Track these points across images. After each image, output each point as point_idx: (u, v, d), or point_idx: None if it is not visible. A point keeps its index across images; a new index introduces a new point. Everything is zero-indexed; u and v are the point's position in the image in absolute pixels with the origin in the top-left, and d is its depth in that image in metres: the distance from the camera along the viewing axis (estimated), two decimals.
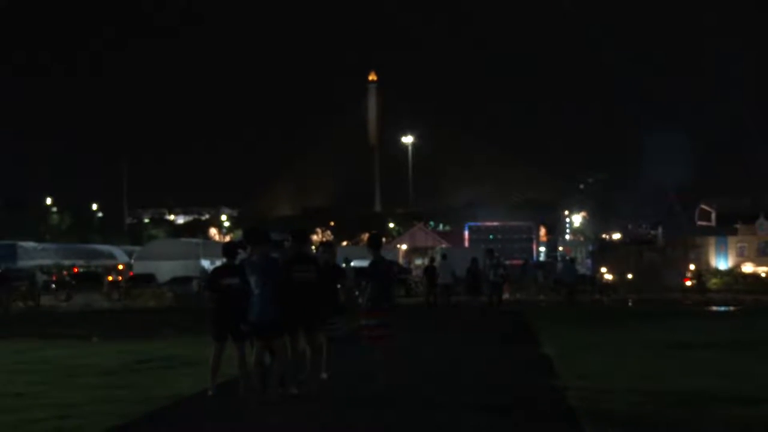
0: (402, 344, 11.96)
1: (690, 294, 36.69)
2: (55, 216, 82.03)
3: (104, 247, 59.31)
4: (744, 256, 55.40)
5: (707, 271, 49.75)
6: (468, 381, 11.01)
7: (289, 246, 10.19)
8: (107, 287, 41.80)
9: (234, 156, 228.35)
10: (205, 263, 42.33)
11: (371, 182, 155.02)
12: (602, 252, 54.47)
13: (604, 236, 70.10)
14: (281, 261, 9.68)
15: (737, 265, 53.77)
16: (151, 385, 10.61)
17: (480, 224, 54.28)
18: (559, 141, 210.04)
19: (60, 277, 48.29)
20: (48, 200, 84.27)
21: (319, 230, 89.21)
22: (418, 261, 61.04)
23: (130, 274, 45.74)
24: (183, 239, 63.00)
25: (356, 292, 13.98)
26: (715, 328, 19.25)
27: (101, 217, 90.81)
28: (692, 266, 47.85)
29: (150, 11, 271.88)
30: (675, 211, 59.45)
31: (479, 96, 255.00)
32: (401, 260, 57.16)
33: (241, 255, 9.74)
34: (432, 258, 34.16)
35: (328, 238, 74.06)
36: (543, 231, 71.28)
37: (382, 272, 10.07)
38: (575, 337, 16.45)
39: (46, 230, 74.27)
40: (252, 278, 9.14)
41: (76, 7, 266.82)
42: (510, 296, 35.11)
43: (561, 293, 34.22)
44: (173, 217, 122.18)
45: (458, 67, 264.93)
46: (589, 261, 52.76)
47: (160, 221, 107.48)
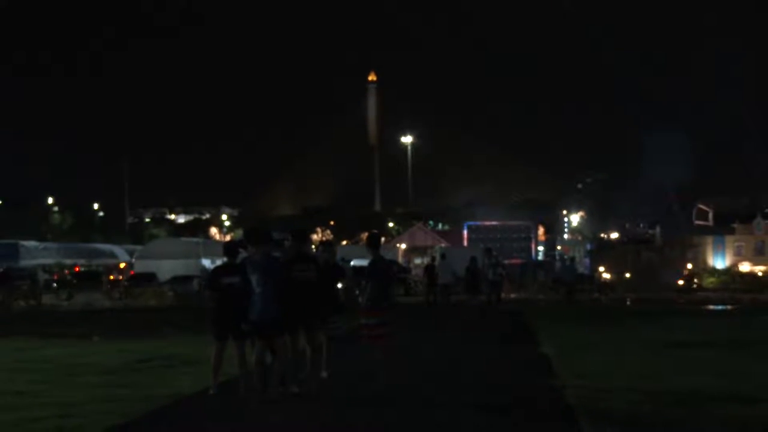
0: (402, 343, 11.99)
1: (681, 293, 36.68)
2: (57, 215, 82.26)
3: (105, 247, 59.36)
4: (741, 256, 55.47)
5: (704, 270, 49.94)
6: (467, 380, 11.02)
7: (289, 245, 10.23)
8: (107, 286, 41.91)
9: (234, 156, 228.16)
10: (206, 262, 42.35)
11: (371, 182, 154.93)
12: (600, 251, 54.63)
13: (602, 235, 70.20)
14: (282, 260, 9.68)
15: (734, 265, 53.84)
16: (152, 384, 10.65)
17: (479, 224, 54.39)
18: (559, 141, 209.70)
19: (61, 276, 48.47)
20: (50, 200, 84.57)
21: (319, 230, 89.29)
22: (418, 260, 61.07)
23: (131, 273, 45.84)
24: (184, 238, 63.07)
25: (356, 291, 14.09)
26: (713, 327, 19.26)
27: (102, 217, 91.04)
28: (690, 265, 47.93)
29: (150, 11, 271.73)
30: (673, 211, 59.49)
31: (479, 96, 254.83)
32: (401, 259, 57.22)
33: (242, 254, 9.73)
34: (432, 257, 34.08)
35: (328, 238, 74.13)
36: (541, 230, 71.39)
37: (382, 271, 10.07)
38: (574, 336, 16.49)
39: (48, 229, 74.49)
40: (253, 277, 9.14)
41: (76, 7, 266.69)
42: (510, 295, 35.24)
43: (560, 292, 34.36)
44: (174, 217, 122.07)
45: (458, 67, 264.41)
46: (587, 260, 52.86)
47: (161, 220, 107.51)
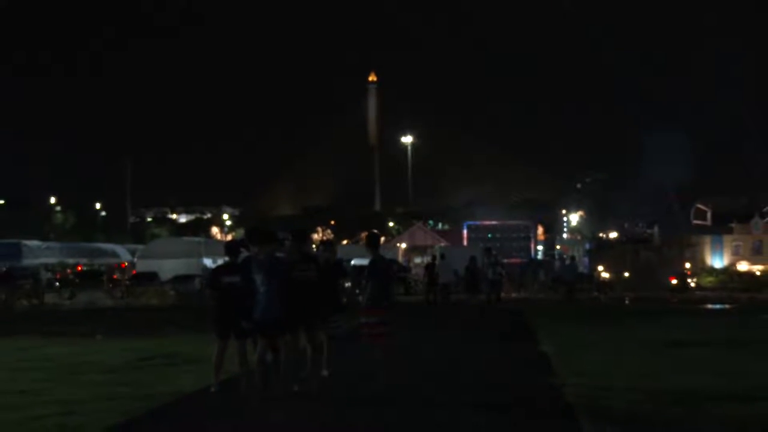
0: (402, 343, 12.00)
1: (675, 293, 36.70)
2: (59, 215, 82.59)
3: (108, 246, 59.34)
4: (739, 255, 55.74)
5: (702, 270, 50.20)
6: (467, 379, 11.10)
7: (289, 245, 10.29)
8: (108, 285, 42.14)
9: (235, 156, 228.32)
10: (207, 262, 42.46)
11: (371, 182, 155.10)
12: (599, 251, 54.85)
13: (601, 235, 70.39)
14: (288, 261, 9.74)
15: (732, 264, 54.10)
16: (154, 383, 10.70)
17: (479, 223, 54.55)
18: (559, 141, 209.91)
19: (64, 276, 48.71)
20: (52, 200, 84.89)
21: (320, 229, 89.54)
22: (418, 260, 61.40)
23: (133, 273, 46.05)
24: (185, 238, 63.32)
25: (356, 291, 14.28)
26: (711, 326, 19.33)
27: (104, 216, 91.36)
28: (688, 265, 48.15)
29: (150, 11, 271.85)
30: (672, 211, 59.66)
31: (479, 96, 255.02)
32: (401, 259, 57.51)
33: (244, 253, 9.82)
34: (433, 256, 34.18)
35: (329, 237, 74.36)
36: (541, 230, 71.62)
37: (382, 271, 10.12)
38: (573, 335, 16.54)
39: (51, 229, 74.75)
40: (258, 276, 9.19)
41: (76, 7, 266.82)
42: (512, 294, 35.41)
43: (559, 291, 34.59)
44: (175, 216, 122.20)
45: (458, 67, 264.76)
46: (586, 259, 53.08)
47: (163, 220, 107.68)
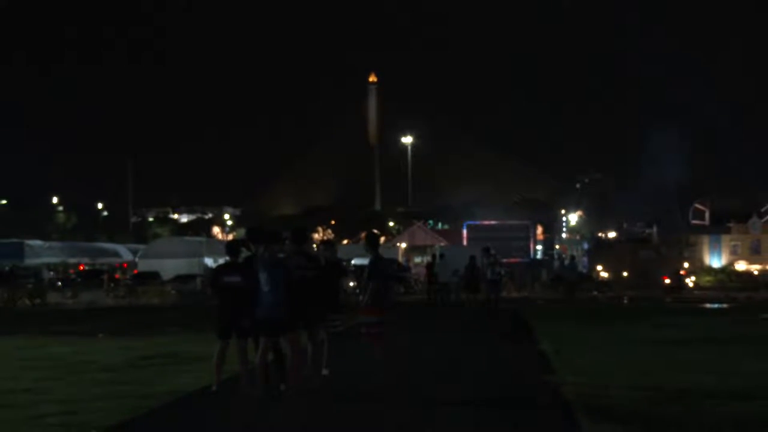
0: (402, 342, 12.28)
1: (668, 292, 36.69)
2: (61, 215, 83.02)
3: (109, 246, 59.89)
4: (737, 255, 55.92)
5: (701, 269, 50.49)
6: (467, 378, 11.20)
7: (289, 245, 10.36)
8: (107, 285, 42.58)
9: (236, 156, 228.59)
10: (209, 261, 42.88)
11: (371, 182, 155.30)
12: (598, 250, 55.04)
13: (600, 235, 70.61)
14: (293, 260, 9.83)
15: (730, 263, 54.32)
16: (155, 382, 10.78)
17: (478, 223, 54.72)
18: (559, 141, 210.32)
19: (66, 275, 49.11)
20: (54, 199, 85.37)
21: (320, 229, 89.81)
22: (418, 259, 61.77)
23: (135, 272, 46.44)
24: (187, 238, 63.88)
25: (357, 290, 14.53)
26: (710, 325, 19.37)
27: (106, 216, 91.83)
28: (686, 264, 48.41)
29: (150, 11, 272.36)
30: (671, 210, 59.82)
31: (479, 96, 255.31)
32: (401, 258, 57.83)
33: (244, 253, 9.94)
34: (433, 255, 34.32)
35: (329, 237, 74.71)
36: (540, 230, 71.88)
37: (381, 270, 10.23)
38: (573, 335, 16.54)
39: (53, 229, 75.17)
40: (262, 276, 9.28)
41: (77, 7, 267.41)
42: (512, 294, 35.68)
43: (559, 290, 34.92)
44: (177, 216, 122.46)
45: (458, 67, 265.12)
46: (585, 259, 53.36)
47: (164, 220, 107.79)
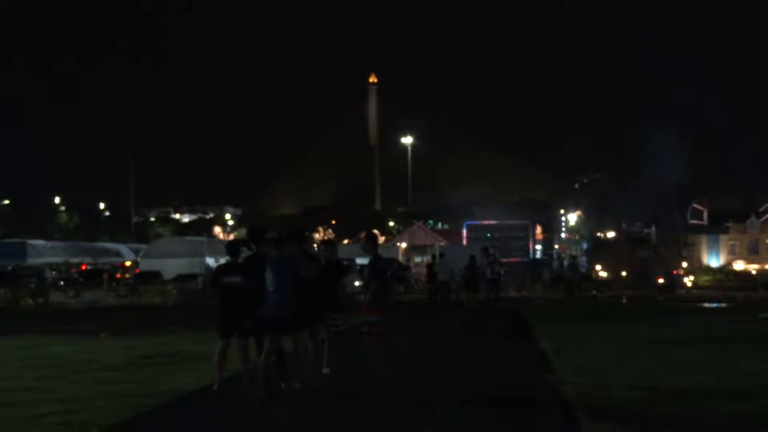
0: (402, 341, 12.43)
1: (663, 292, 36.66)
2: (64, 215, 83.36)
3: (111, 245, 60.05)
4: (735, 254, 56.05)
5: (699, 269, 50.66)
6: (467, 377, 11.31)
7: (288, 245, 10.28)
8: (107, 285, 42.83)
9: (236, 156, 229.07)
10: (210, 261, 43.06)
11: (371, 182, 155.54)
12: (597, 250, 55.17)
13: (599, 234, 70.75)
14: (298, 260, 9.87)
15: (728, 263, 54.46)
16: (157, 381, 10.88)
17: (478, 223, 54.90)
18: (559, 141, 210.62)
19: (68, 275, 49.36)
20: (56, 199, 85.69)
21: (321, 229, 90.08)
22: (418, 259, 62.10)
23: (137, 272, 46.71)
24: (188, 237, 64.05)
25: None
26: (708, 325, 19.44)
27: (108, 216, 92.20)
28: (684, 264, 48.60)
29: (150, 11, 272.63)
30: (670, 210, 59.94)
31: (479, 96, 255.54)
32: (401, 258, 58.10)
33: (245, 253, 10.07)
34: (433, 255, 34.50)
35: (330, 237, 75.00)
36: (539, 229, 72.10)
37: (381, 270, 10.35)
38: (572, 334, 16.59)
39: (55, 229, 75.50)
40: (269, 276, 9.36)
41: (76, 7, 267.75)
42: (512, 293, 35.87)
43: (558, 290, 35.13)
44: (178, 216, 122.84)
45: (458, 67, 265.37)
46: (584, 259, 53.53)
47: (166, 220, 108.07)
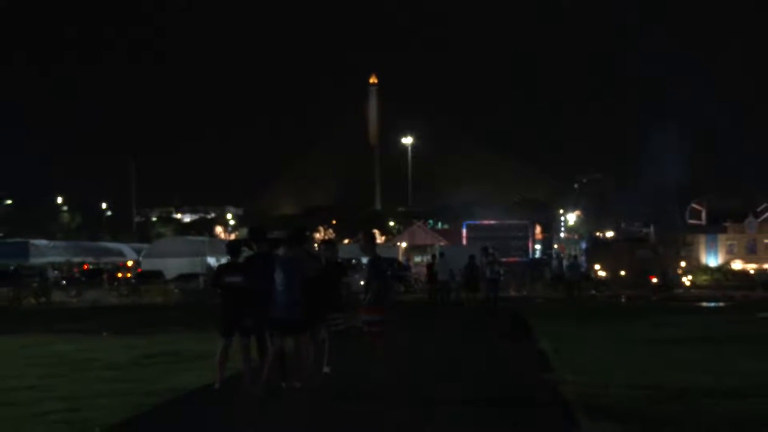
0: (402, 341, 12.59)
1: (657, 291, 36.66)
2: (66, 215, 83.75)
3: (113, 245, 60.24)
4: (733, 254, 56.31)
5: (697, 268, 50.92)
6: (467, 376, 11.38)
7: (288, 245, 10.37)
8: (107, 284, 43.05)
9: (236, 156, 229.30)
10: (211, 260, 43.21)
11: (371, 182, 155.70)
12: (596, 249, 55.35)
13: (598, 234, 70.89)
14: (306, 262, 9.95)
15: (727, 263, 54.71)
16: (158, 379, 10.95)
17: (478, 222, 55.07)
18: (559, 141, 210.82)
19: (70, 274, 49.64)
20: (58, 199, 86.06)
21: (321, 228, 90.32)
22: (418, 258, 62.26)
23: (139, 271, 46.95)
24: (189, 237, 64.31)
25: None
26: (706, 324, 19.53)
27: (110, 216, 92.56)
28: (683, 263, 48.84)
29: (150, 11, 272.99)
30: (670, 210, 60.17)
31: (479, 96, 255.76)
32: (401, 258, 58.29)
33: (245, 253, 10.15)
34: (433, 255, 34.57)
35: (330, 237, 75.25)
36: (538, 229, 72.30)
37: (381, 269, 10.42)
38: (571, 333, 16.63)
39: (57, 228, 75.84)
40: (278, 276, 9.43)
41: (76, 7, 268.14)
42: (512, 293, 36.08)
43: (558, 289, 35.33)
44: (180, 216, 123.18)
45: (458, 67, 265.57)
46: (583, 258, 53.73)
47: (168, 220, 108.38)
